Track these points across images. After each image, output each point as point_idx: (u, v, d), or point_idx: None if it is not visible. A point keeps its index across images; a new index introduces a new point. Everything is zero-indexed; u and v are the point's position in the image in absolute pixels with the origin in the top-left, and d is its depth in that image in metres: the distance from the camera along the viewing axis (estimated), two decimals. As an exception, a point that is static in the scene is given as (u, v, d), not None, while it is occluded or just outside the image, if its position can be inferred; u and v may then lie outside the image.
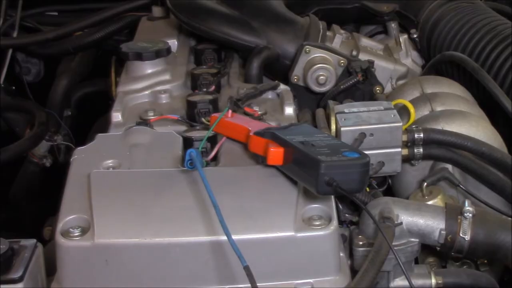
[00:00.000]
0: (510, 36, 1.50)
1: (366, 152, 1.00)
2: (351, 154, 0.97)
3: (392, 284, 1.07)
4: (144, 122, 1.22)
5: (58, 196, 1.02)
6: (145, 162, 1.10)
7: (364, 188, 1.15)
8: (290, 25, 1.60)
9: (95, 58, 2.29)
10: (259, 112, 1.24)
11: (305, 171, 0.97)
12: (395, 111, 1.26)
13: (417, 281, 1.08)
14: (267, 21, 1.58)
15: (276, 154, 1.02)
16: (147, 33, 1.73)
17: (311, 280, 0.95)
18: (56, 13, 2.35)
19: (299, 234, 0.94)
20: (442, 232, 1.07)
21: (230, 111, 1.18)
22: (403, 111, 1.35)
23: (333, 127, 1.28)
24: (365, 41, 1.72)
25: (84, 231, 0.95)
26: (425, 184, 1.22)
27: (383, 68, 1.63)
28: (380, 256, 0.94)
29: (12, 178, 2.09)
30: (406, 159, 1.28)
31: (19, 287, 0.91)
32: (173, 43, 1.62)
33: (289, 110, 1.30)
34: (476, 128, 1.30)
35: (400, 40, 1.79)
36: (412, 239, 1.08)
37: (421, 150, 1.27)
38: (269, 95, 1.38)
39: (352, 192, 0.96)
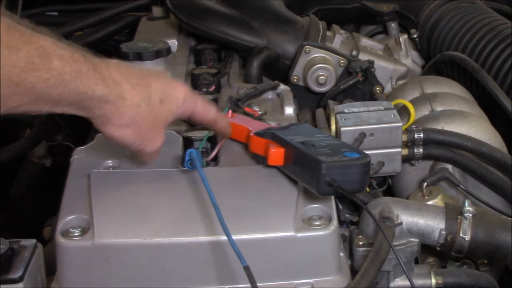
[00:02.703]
0: (510, 36, 1.50)
1: (366, 152, 1.00)
2: (351, 154, 0.97)
3: (392, 284, 1.07)
4: (144, 122, 1.22)
5: (58, 196, 1.02)
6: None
7: (365, 188, 1.15)
8: (290, 25, 1.60)
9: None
10: (259, 112, 1.24)
11: (305, 171, 0.97)
12: (395, 111, 1.26)
13: (417, 281, 1.08)
14: (267, 21, 1.59)
15: (276, 154, 1.02)
16: (147, 33, 1.73)
17: (311, 280, 0.95)
18: (56, 13, 2.34)
19: (299, 234, 0.94)
20: (442, 232, 1.07)
21: (230, 111, 1.18)
22: (403, 111, 1.35)
23: (333, 127, 1.28)
24: (365, 41, 1.72)
25: (84, 231, 0.94)
26: (425, 184, 1.22)
27: (383, 68, 1.63)
28: (380, 256, 0.94)
29: (12, 178, 2.09)
30: (406, 159, 1.28)
31: (19, 287, 0.91)
32: (173, 43, 1.62)
33: (289, 110, 1.30)
34: (476, 128, 1.30)
35: (400, 40, 1.79)
36: (412, 239, 1.08)
37: (421, 150, 1.27)
38: (269, 95, 1.38)
39: (352, 192, 0.96)
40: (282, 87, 1.41)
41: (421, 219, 1.08)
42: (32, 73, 0.82)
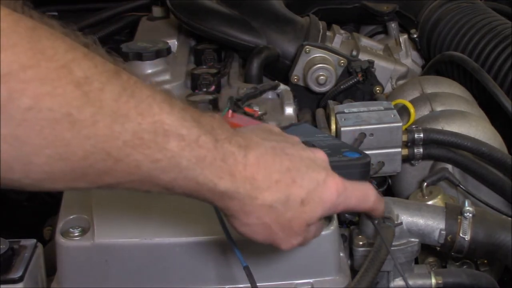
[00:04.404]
0: (510, 36, 1.49)
1: (366, 152, 1.00)
2: (352, 154, 0.97)
3: (392, 284, 1.07)
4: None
5: (58, 196, 1.02)
6: (145, 162, 1.10)
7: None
8: (290, 25, 1.60)
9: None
10: (259, 112, 1.24)
11: (305, 171, 0.97)
12: (395, 111, 1.26)
13: (417, 281, 1.08)
14: (267, 21, 1.58)
15: (276, 154, 1.02)
16: (147, 33, 1.73)
17: (311, 280, 0.95)
18: (56, 13, 2.34)
19: (299, 234, 0.93)
20: (442, 232, 1.07)
21: (230, 111, 1.18)
22: (403, 111, 1.35)
23: (333, 127, 1.28)
24: (365, 41, 1.72)
25: (84, 231, 0.95)
26: (425, 184, 1.22)
27: (383, 68, 1.63)
28: (380, 256, 0.94)
29: (12, 178, 2.09)
30: (406, 159, 1.28)
31: (19, 287, 0.91)
32: (173, 43, 1.62)
33: (289, 110, 1.30)
34: (476, 128, 1.30)
35: (400, 40, 1.79)
36: (412, 239, 1.08)
37: (421, 150, 1.27)
38: (269, 95, 1.37)
39: (352, 192, 0.96)
40: (282, 87, 1.41)
41: (421, 219, 1.08)
42: (138, 150, 0.66)
